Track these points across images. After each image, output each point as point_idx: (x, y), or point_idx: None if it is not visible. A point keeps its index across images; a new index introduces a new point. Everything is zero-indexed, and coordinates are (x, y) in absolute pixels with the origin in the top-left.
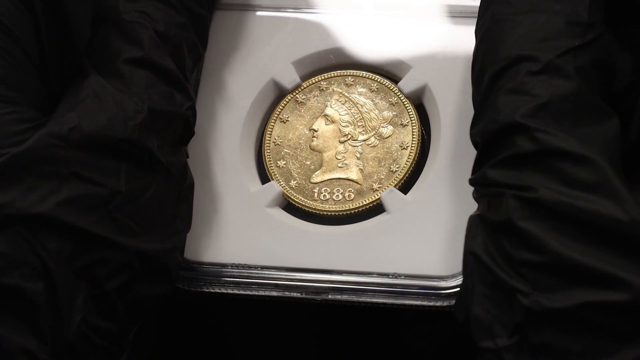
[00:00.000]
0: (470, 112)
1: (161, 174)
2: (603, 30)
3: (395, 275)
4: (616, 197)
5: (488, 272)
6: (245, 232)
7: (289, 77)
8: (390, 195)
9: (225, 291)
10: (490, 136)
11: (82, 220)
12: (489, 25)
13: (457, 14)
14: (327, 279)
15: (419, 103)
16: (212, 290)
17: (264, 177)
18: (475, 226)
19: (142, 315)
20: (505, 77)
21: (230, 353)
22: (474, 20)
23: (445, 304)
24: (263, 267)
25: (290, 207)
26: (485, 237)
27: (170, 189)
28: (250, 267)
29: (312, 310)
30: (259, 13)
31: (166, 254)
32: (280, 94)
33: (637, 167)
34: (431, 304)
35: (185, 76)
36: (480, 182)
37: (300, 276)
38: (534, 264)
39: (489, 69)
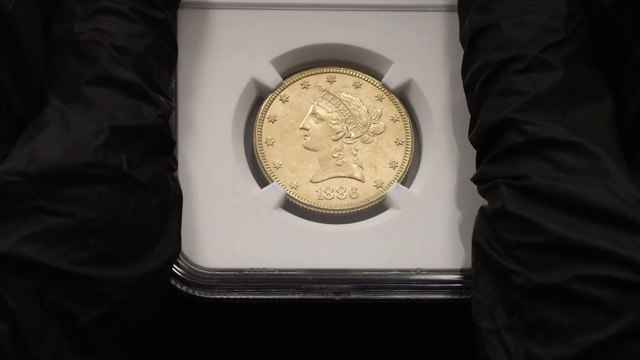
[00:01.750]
0: (460, 104)
1: (138, 190)
2: (583, 14)
3: (418, 271)
4: (603, 177)
5: (489, 259)
6: (257, 236)
7: (271, 76)
8: (397, 192)
9: (245, 296)
10: (484, 136)
11: (47, 256)
12: (473, 34)
13: (432, 9)
14: (350, 278)
15: (400, 97)
16: (232, 297)
17: (262, 179)
18: (479, 218)
19: (130, 343)
20: (495, 80)
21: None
22: (452, 15)
23: (470, 296)
24: (282, 270)
25: (294, 207)
26: (485, 226)
27: (151, 204)
28: (269, 270)
29: (329, 311)
30: (231, 11)
31: (151, 277)
32: (261, 93)
33: (633, 147)
34: (455, 297)
35: (153, 85)
36: (479, 178)
37: (322, 276)
38: (526, 245)
39: (480, 75)
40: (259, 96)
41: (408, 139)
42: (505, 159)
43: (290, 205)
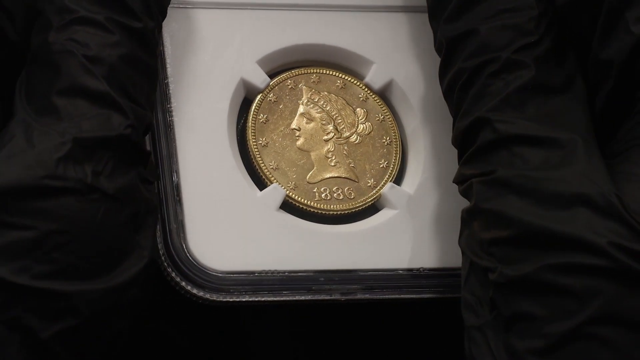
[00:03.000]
0: (442, 103)
1: (106, 202)
2: (552, 13)
3: (422, 270)
4: (574, 166)
5: (471, 261)
6: (263, 238)
7: (259, 77)
8: (392, 191)
9: (257, 299)
10: (462, 137)
11: (5, 270)
12: (448, 43)
13: (412, 10)
14: (358, 279)
15: (383, 97)
16: (245, 299)
17: (259, 181)
18: (461, 222)
19: (98, 357)
20: (471, 84)
21: None
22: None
23: None
24: (292, 272)
25: (293, 208)
26: (464, 228)
27: (121, 216)
28: (279, 272)
29: (330, 313)
30: (214, 10)
31: (120, 290)
32: (249, 94)
33: (602, 141)
34: (459, 295)
35: (127, 94)
36: (458, 180)
37: (332, 277)
38: (499, 240)
39: (456, 82)
40: (246, 97)
41: (395, 138)
42: (478, 157)
43: (288, 206)
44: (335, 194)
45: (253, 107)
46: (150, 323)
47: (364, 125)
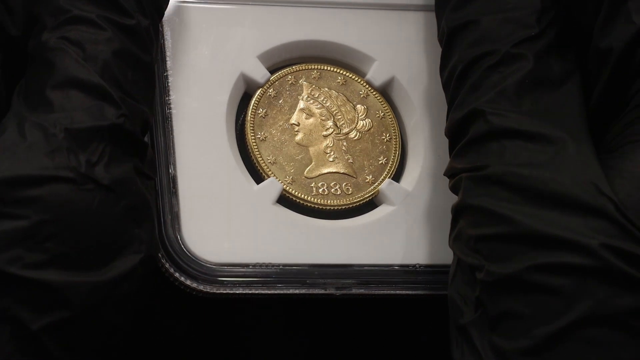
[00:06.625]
0: (442, 101)
1: (100, 192)
2: (556, 9)
3: (417, 267)
4: (564, 164)
5: (458, 258)
6: (259, 232)
7: (259, 72)
8: (391, 188)
9: (250, 292)
10: (455, 128)
11: None
12: (449, 32)
13: (414, 8)
14: (353, 274)
15: (383, 94)
16: (238, 292)
17: (257, 175)
18: (451, 219)
19: (91, 351)
20: (469, 75)
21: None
22: (431, 15)
23: None
24: (286, 265)
25: (290, 203)
26: (453, 225)
27: (117, 208)
28: (273, 265)
29: (327, 306)
30: (216, 6)
31: (114, 284)
32: (248, 88)
33: (599, 133)
34: None
35: (120, 88)
36: (449, 174)
37: (327, 272)
38: (486, 237)
39: (454, 72)
40: (246, 91)
41: (395, 135)
42: (469, 150)
43: (285, 201)
44: (332, 189)
45: (252, 102)
46: (145, 314)
47: (364, 121)
